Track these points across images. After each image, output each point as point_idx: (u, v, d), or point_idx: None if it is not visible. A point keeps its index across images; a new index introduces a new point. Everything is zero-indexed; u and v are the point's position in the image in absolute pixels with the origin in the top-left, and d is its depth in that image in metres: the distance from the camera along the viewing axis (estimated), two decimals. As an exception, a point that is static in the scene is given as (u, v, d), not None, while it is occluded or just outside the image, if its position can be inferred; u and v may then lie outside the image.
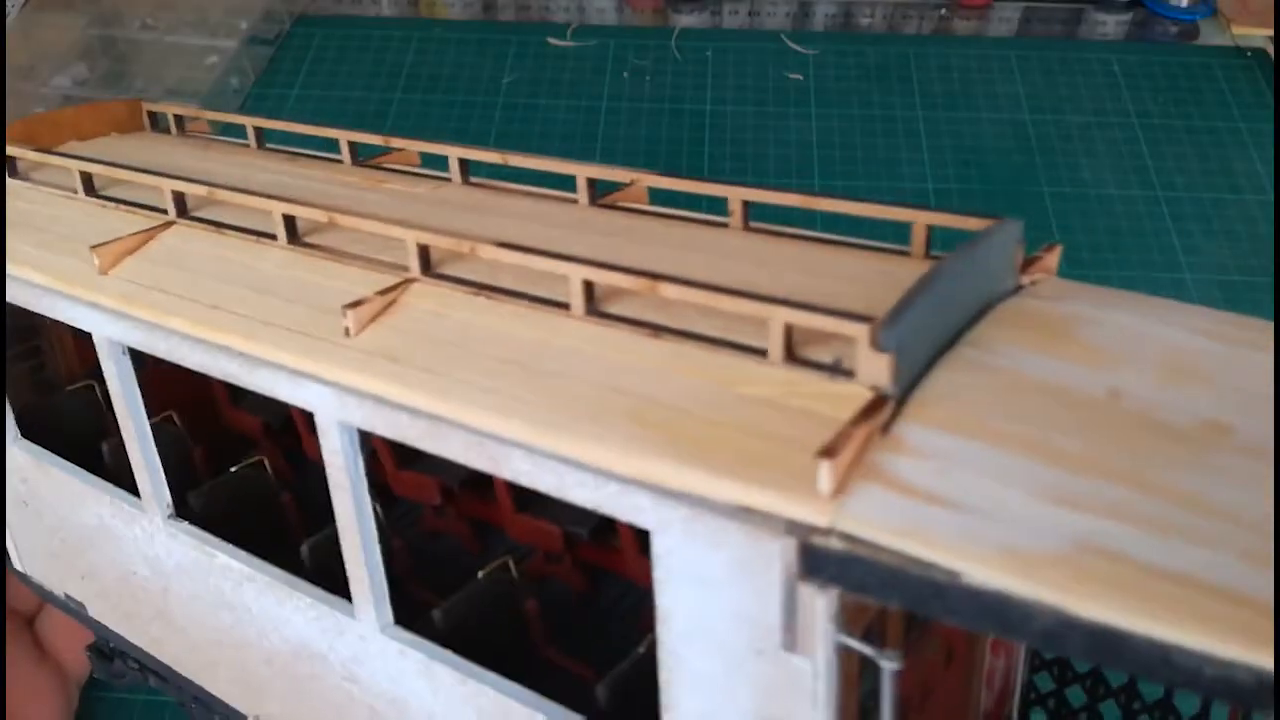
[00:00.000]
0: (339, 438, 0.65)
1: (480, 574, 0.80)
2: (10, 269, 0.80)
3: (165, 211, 0.79)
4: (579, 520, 0.88)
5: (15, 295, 0.81)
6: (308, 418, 1.00)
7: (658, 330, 0.59)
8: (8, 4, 1.73)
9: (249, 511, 0.90)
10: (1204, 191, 1.58)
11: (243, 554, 0.78)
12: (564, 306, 0.62)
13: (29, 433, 0.91)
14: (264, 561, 0.77)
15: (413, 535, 0.68)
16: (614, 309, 0.61)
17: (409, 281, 0.66)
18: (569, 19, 1.87)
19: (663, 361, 0.57)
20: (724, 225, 0.73)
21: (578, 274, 0.61)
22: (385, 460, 0.94)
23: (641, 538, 0.82)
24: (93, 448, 0.93)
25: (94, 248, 0.75)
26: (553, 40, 1.82)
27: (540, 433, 0.55)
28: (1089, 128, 1.68)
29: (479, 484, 0.93)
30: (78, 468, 0.87)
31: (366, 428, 0.63)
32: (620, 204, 0.79)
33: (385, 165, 0.90)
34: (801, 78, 1.76)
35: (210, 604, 0.82)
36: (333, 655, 0.74)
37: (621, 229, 0.74)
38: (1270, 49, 1.81)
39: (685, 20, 1.88)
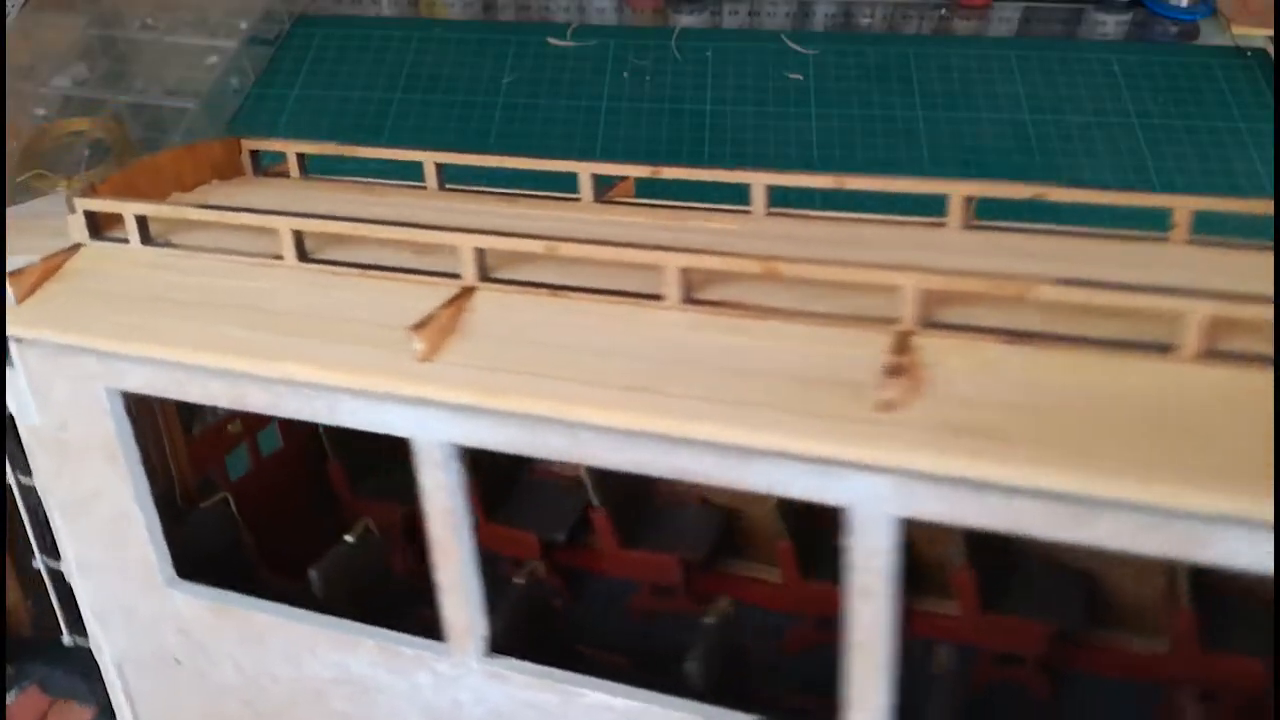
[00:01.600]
0: (884, 537, 0.51)
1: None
2: (234, 363, 0.61)
3: (456, 275, 0.63)
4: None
5: (242, 396, 0.62)
6: (489, 503, 0.88)
7: None
8: (8, 4, 1.73)
9: (533, 632, 0.74)
10: (1204, 191, 1.58)
11: (642, 691, 0.61)
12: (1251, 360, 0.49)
13: (184, 569, 0.74)
14: (675, 696, 0.61)
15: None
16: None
17: (906, 335, 0.55)
18: (569, 19, 1.87)
19: None
20: (1149, 239, 0.64)
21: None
22: (606, 538, 0.83)
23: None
24: (252, 578, 0.75)
25: (414, 329, 0.58)
26: (553, 40, 1.82)
27: None
28: (1089, 128, 1.68)
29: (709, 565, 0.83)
30: (302, 610, 0.70)
31: (960, 521, 0.50)
32: (984, 224, 0.69)
33: (620, 200, 0.77)
34: (801, 78, 1.76)
35: None
36: None
37: (1027, 251, 0.64)
38: (1270, 49, 1.81)
39: (685, 20, 1.88)
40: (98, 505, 0.71)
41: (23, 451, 0.72)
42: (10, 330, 0.65)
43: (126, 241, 0.69)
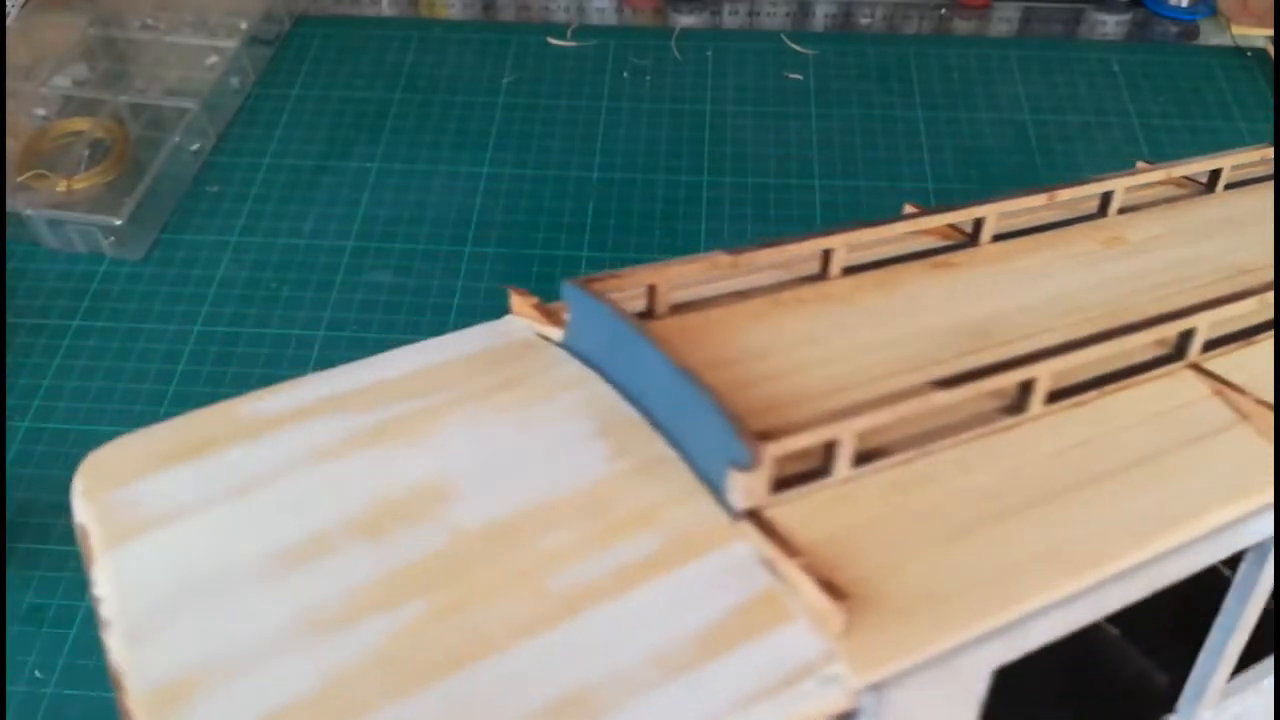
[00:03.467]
0: None
1: None
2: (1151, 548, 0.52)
3: (1169, 359, 0.62)
4: None
5: (1154, 579, 0.52)
6: None
7: None
8: (8, 4, 1.73)
9: None
10: (1204, 191, 1.58)
11: None
12: None
13: None
14: None
15: None
16: None
17: None
18: (569, 19, 1.87)
19: None
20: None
21: None
22: None
23: None
24: None
25: None
26: (553, 40, 1.82)
27: None
28: (1089, 128, 1.68)
29: None
30: None
31: None
32: None
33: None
34: (801, 78, 1.76)
35: None
36: None
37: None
38: (1270, 49, 1.81)
39: (685, 20, 1.88)
40: None
41: None
42: (865, 680, 0.44)
43: (824, 474, 0.50)
